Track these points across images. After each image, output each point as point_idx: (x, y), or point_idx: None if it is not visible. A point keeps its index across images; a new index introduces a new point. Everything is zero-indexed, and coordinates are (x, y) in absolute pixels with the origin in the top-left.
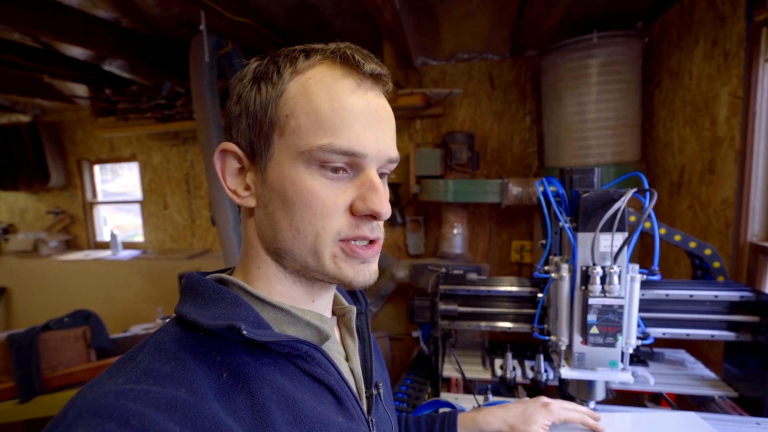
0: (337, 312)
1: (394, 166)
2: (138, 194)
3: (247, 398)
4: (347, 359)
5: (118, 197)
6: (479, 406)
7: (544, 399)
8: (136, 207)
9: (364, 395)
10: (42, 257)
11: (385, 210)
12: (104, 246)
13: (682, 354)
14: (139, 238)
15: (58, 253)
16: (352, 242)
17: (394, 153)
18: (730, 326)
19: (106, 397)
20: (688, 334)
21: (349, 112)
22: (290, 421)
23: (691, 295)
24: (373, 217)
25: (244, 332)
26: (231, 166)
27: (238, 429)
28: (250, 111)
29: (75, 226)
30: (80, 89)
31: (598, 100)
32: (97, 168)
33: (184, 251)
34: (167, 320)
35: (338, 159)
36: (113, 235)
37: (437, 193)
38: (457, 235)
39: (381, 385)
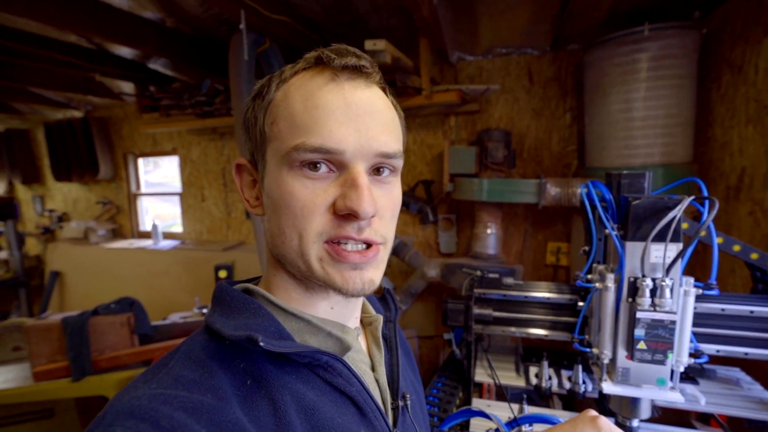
0: (364, 321)
1: (394, 161)
2: (177, 186)
3: (269, 405)
4: (373, 369)
5: (158, 188)
6: (515, 417)
7: (592, 413)
8: (175, 198)
9: (389, 407)
10: (91, 244)
11: (363, 208)
12: (146, 235)
13: (737, 372)
14: (178, 228)
15: (105, 241)
16: (340, 245)
17: (386, 147)
18: None
19: (140, 400)
20: (746, 353)
21: (323, 108)
22: (309, 430)
23: (751, 311)
24: (354, 216)
25: (261, 344)
26: (246, 179)
27: None
28: (248, 126)
29: (120, 216)
30: (127, 87)
31: (647, 97)
32: (141, 161)
33: (220, 243)
34: (202, 310)
35: (315, 158)
36: (154, 226)
37: (471, 192)
38: (490, 235)
39: (408, 396)
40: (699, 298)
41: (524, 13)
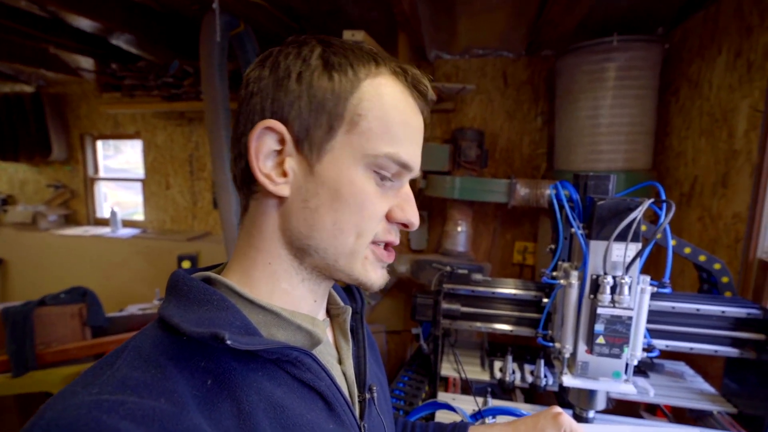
0: (332, 312)
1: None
2: (140, 172)
3: (233, 406)
4: (340, 362)
5: (119, 174)
6: (479, 410)
7: (556, 409)
8: (137, 185)
9: (356, 399)
10: (40, 230)
11: (416, 221)
12: (103, 223)
13: (682, 366)
14: (139, 216)
15: (57, 228)
16: (380, 246)
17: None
18: (734, 342)
19: (78, 409)
20: (691, 348)
21: (412, 128)
22: (278, 430)
23: (698, 309)
24: (405, 225)
25: (228, 342)
26: (269, 147)
27: None
28: (317, 97)
29: (75, 201)
30: (86, 62)
31: (614, 105)
32: (99, 143)
33: (184, 233)
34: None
35: (393, 168)
36: (113, 213)
37: (444, 189)
38: (461, 233)
39: (375, 388)
40: (653, 296)
41: (502, 15)
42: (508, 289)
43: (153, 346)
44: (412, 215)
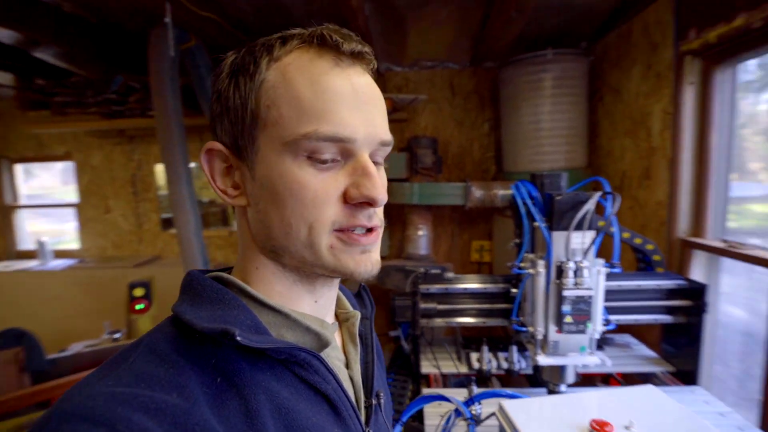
0: (341, 316)
1: (388, 150)
2: (64, 197)
3: (241, 405)
4: (347, 366)
5: (35, 200)
6: (470, 396)
7: None
8: (59, 212)
9: (362, 405)
10: None
11: (381, 196)
12: (27, 255)
13: (627, 338)
14: (70, 245)
15: None
16: (351, 231)
17: (386, 135)
18: (668, 310)
19: (94, 399)
20: (636, 320)
21: (333, 94)
22: (283, 431)
23: (638, 285)
24: (369, 204)
25: (238, 338)
26: (219, 166)
27: None
28: (231, 107)
29: None
30: (3, 77)
31: (552, 111)
32: (19, 167)
33: (130, 258)
34: (114, 335)
35: (326, 147)
36: (41, 243)
37: (403, 195)
38: (422, 237)
39: (382, 394)
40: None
41: (449, 28)
42: (478, 284)
43: (166, 342)
44: (369, 190)
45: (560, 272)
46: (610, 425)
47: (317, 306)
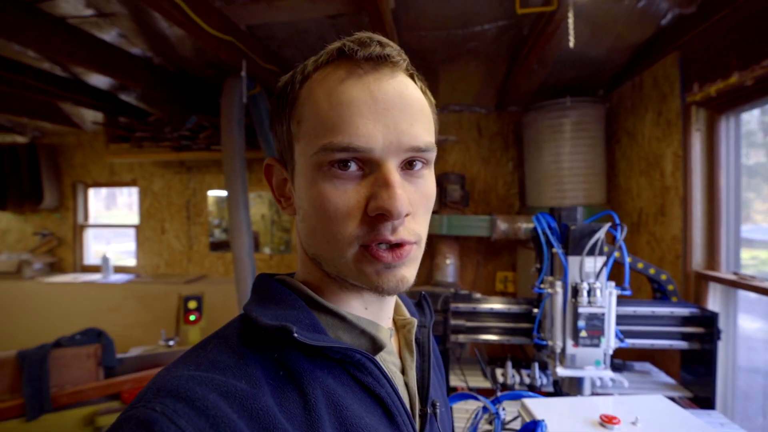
0: (398, 323)
1: (428, 154)
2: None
3: (300, 397)
4: (403, 372)
5: (113, 229)
6: (497, 396)
7: None
8: (123, 235)
9: (417, 412)
10: (25, 279)
11: (396, 208)
12: (91, 269)
13: (648, 366)
14: (127, 262)
15: (42, 276)
16: (375, 245)
17: (417, 140)
18: (683, 337)
19: (179, 380)
20: (652, 344)
21: (347, 104)
22: (337, 427)
23: (653, 311)
24: (386, 216)
25: (295, 335)
26: (278, 178)
27: (288, 425)
28: (275, 126)
29: (61, 249)
30: (93, 115)
31: (571, 152)
32: (91, 191)
33: (180, 276)
34: (169, 342)
35: (343, 157)
36: (105, 258)
37: (433, 227)
38: (449, 265)
39: (438, 404)
40: (619, 302)
41: (476, 80)
42: (502, 305)
43: (236, 336)
44: (384, 201)
45: (575, 292)
46: (617, 418)
47: (368, 313)
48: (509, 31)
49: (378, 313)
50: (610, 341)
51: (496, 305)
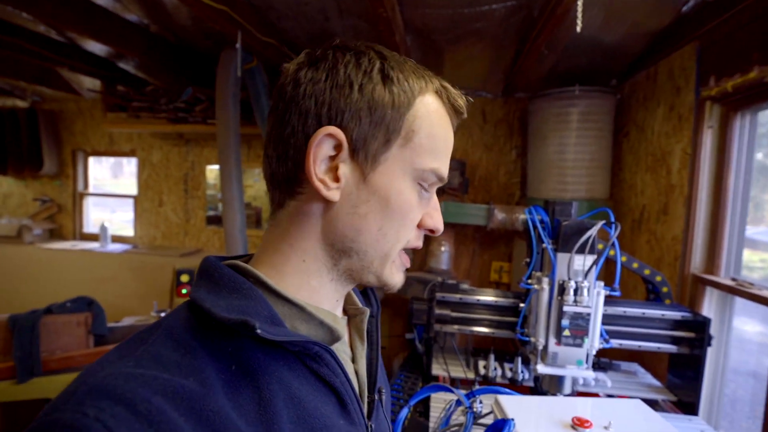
0: (350, 312)
1: None
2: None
3: (254, 393)
4: (354, 361)
5: (114, 196)
6: (472, 390)
7: None
8: (122, 204)
9: (365, 400)
10: (25, 244)
11: (442, 227)
12: (90, 238)
13: (635, 366)
14: (125, 232)
15: (42, 242)
16: (404, 251)
17: None
18: (673, 341)
19: (117, 378)
20: (639, 346)
21: (449, 144)
22: (294, 420)
23: (643, 313)
24: (432, 231)
25: (259, 331)
26: (324, 152)
27: (242, 424)
28: (377, 110)
29: (61, 216)
30: (90, 83)
31: (577, 143)
32: (91, 159)
33: (176, 249)
34: (160, 314)
35: (432, 180)
36: (104, 227)
37: None
38: (444, 253)
39: (384, 391)
40: (608, 302)
41: (483, 62)
42: (490, 297)
43: (183, 327)
44: (438, 221)
45: (562, 290)
46: (589, 422)
47: (337, 305)
48: (518, 12)
49: (341, 304)
50: (594, 342)
51: (483, 297)
